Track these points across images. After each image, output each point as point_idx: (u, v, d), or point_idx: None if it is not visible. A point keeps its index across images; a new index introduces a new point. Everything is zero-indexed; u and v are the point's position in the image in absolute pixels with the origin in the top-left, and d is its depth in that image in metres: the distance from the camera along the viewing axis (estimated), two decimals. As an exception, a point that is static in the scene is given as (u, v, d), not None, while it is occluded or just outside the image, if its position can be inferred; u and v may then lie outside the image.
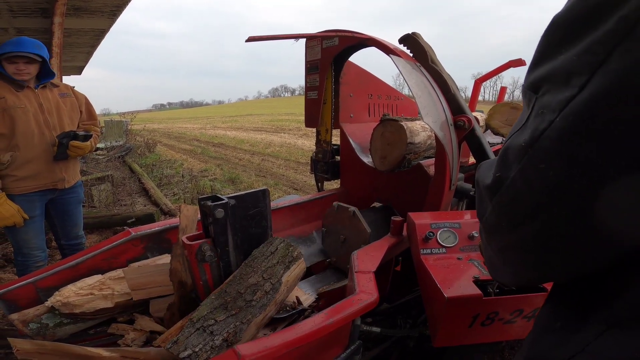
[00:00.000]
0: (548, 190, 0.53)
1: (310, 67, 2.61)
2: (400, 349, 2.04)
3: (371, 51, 2.43)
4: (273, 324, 1.44)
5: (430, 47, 2.16)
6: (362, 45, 2.35)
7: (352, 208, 2.08)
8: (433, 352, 1.98)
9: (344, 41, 2.37)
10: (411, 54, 2.15)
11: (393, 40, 2.18)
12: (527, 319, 1.46)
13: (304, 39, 2.60)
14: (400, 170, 2.19)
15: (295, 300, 1.60)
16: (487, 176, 0.66)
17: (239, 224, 1.44)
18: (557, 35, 0.52)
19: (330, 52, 2.46)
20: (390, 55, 1.98)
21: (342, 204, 2.17)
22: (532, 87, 0.57)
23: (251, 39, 2.15)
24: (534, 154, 0.52)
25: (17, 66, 2.35)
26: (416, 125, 2.21)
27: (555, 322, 0.66)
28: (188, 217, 1.53)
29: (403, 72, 1.82)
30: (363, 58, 2.65)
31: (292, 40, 2.44)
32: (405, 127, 2.10)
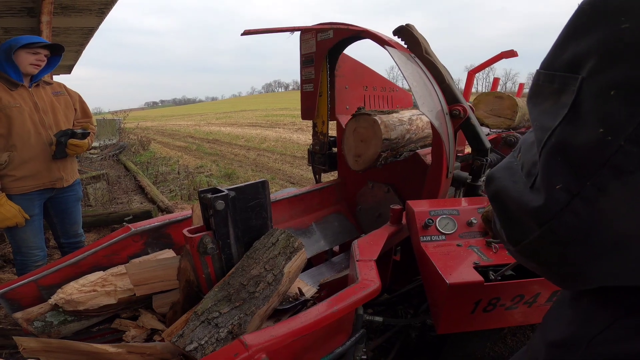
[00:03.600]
0: None
1: (306, 60, 2.61)
2: (402, 338, 2.06)
3: (365, 44, 2.43)
4: (276, 315, 1.45)
5: (424, 38, 2.16)
6: (356, 37, 2.36)
7: (386, 185, 2.29)
8: (435, 341, 2.01)
9: (339, 34, 2.37)
10: (405, 46, 2.15)
11: (387, 33, 2.18)
12: (527, 305, 1.48)
13: (299, 33, 2.60)
14: (396, 160, 2.19)
15: (298, 292, 1.62)
16: (524, 192, 0.53)
17: (240, 216, 1.44)
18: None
19: (325, 45, 2.46)
20: (385, 46, 1.98)
21: (377, 182, 2.35)
22: (569, 67, 0.48)
23: (247, 33, 2.15)
24: None
25: (39, 57, 2.39)
26: (392, 118, 2.11)
27: (579, 301, 0.63)
28: (200, 216, 1.52)
29: (398, 63, 1.83)
30: (358, 51, 2.65)
31: (287, 33, 2.44)
32: (379, 122, 1.98)
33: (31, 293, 1.62)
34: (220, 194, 1.36)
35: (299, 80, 2.71)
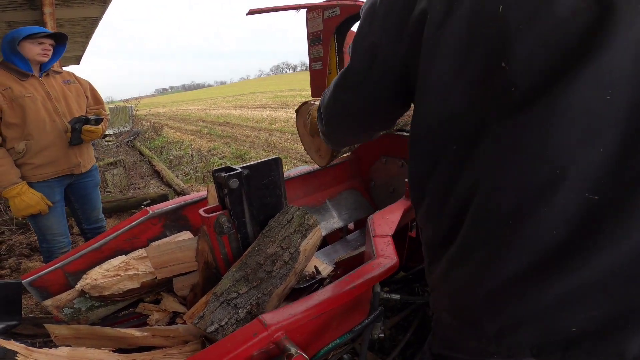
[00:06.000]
0: None
1: (313, 39, 2.58)
2: (420, 316, 2.04)
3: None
4: (294, 294, 1.46)
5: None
6: (364, 13, 2.30)
7: (400, 159, 2.21)
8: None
9: (346, 10, 2.32)
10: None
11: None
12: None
13: (305, 11, 2.56)
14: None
15: (314, 270, 1.62)
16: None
17: (254, 194, 1.44)
18: None
19: (332, 23, 2.42)
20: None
21: (390, 156, 2.29)
22: None
23: (252, 12, 2.12)
24: None
25: (44, 46, 2.39)
26: None
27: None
28: (215, 196, 1.52)
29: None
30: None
31: (293, 12, 2.41)
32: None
33: (58, 280, 1.65)
34: (233, 173, 1.35)
35: (306, 61, 2.68)
